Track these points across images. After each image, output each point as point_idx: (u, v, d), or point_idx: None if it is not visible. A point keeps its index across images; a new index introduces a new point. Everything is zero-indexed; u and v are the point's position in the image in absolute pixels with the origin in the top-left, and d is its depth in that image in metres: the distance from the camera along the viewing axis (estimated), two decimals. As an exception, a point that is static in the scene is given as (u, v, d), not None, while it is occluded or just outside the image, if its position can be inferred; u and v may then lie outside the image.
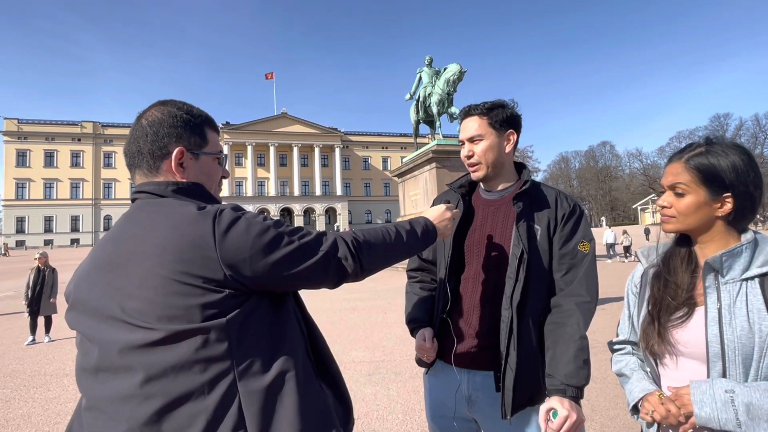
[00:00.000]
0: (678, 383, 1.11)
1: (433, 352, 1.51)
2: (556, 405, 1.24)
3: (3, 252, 41.29)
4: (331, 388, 1.04)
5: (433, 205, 1.55)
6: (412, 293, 1.71)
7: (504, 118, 1.51)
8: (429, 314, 1.61)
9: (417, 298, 1.67)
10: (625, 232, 20.12)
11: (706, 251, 1.14)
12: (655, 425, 1.17)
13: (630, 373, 1.25)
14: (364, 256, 1.02)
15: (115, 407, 0.83)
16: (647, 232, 35.39)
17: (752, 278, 1.04)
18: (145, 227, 0.91)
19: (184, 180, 1.01)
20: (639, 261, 1.33)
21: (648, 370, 1.23)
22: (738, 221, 1.10)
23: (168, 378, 0.82)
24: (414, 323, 1.61)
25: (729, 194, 1.07)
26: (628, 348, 1.31)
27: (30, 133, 61.72)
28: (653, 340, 1.15)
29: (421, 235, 1.22)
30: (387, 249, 1.11)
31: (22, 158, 61.36)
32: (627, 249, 19.28)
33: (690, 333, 1.09)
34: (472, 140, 1.52)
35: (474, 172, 1.56)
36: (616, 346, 1.35)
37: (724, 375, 1.03)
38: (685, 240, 1.20)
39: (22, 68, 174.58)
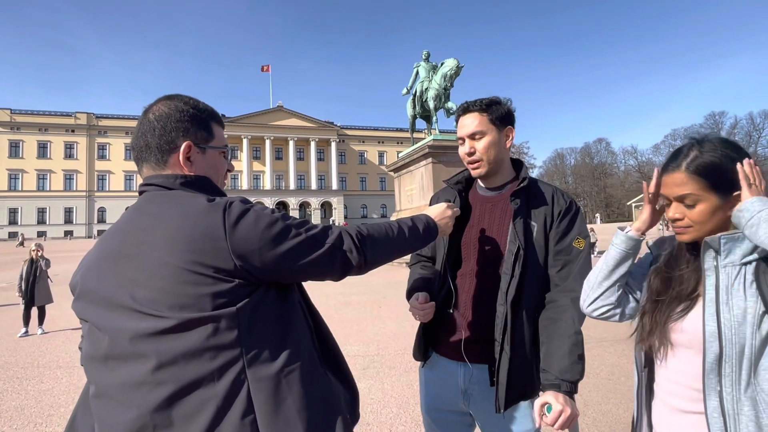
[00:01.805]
0: (672, 372, 1.13)
1: (427, 311, 1.49)
2: (550, 399, 1.26)
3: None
4: (336, 376, 1.07)
5: (431, 203, 1.56)
6: (414, 272, 1.73)
7: (503, 114, 1.51)
8: (427, 285, 1.61)
9: (418, 275, 1.70)
10: (591, 230, 20.46)
11: None
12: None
13: None
14: (368, 250, 1.05)
15: (126, 394, 0.85)
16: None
17: (750, 262, 1.05)
18: (156, 218, 0.92)
19: (192, 173, 1.03)
20: (648, 249, 1.32)
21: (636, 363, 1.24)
22: None
23: (179, 365, 0.84)
24: (413, 292, 1.60)
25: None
26: None
27: (23, 123, 60.98)
28: (648, 331, 1.16)
29: (422, 231, 1.25)
30: (390, 243, 1.14)
31: (15, 149, 60.66)
32: (592, 246, 19.65)
33: (689, 320, 1.11)
34: (473, 137, 1.51)
35: (475, 169, 1.55)
36: None
37: (720, 355, 1.03)
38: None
39: (15, 58, 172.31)
